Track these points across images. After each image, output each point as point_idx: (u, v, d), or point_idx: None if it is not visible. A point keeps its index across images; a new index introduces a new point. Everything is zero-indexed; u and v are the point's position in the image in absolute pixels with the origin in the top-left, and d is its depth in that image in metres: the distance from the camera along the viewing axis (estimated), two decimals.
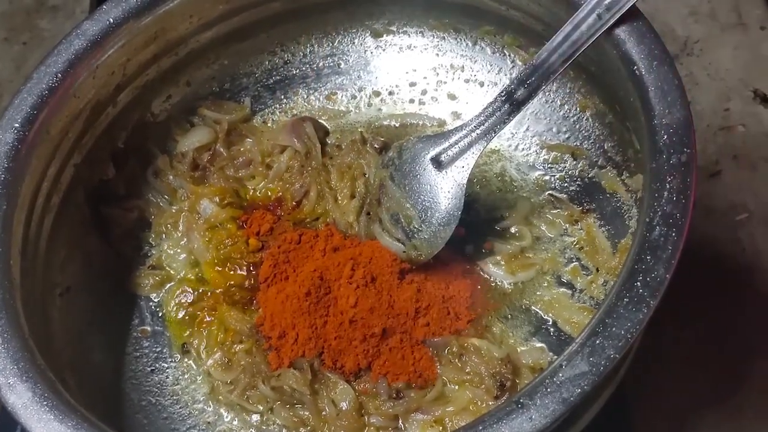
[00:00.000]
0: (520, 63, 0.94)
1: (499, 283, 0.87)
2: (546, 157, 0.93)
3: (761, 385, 0.88)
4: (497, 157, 0.95)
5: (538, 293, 0.86)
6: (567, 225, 0.89)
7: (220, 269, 0.90)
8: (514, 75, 0.92)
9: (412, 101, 1.00)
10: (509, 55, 0.95)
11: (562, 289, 0.86)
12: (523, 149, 0.94)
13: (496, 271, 0.87)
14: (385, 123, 1.00)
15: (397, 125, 0.99)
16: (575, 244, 0.88)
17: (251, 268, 0.89)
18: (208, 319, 0.88)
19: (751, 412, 0.86)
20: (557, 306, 0.85)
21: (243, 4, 0.94)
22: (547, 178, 0.92)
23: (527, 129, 0.94)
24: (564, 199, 0.90)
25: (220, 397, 0.85)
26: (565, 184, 0.91)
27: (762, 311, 0.91)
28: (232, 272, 0.89)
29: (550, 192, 0.91)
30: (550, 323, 0.84)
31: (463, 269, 0.87)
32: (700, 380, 0.88)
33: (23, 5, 1.32)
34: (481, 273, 0.87)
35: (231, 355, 0.86)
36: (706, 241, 0.94)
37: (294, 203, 0.92)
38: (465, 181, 0.80)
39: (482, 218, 0.90)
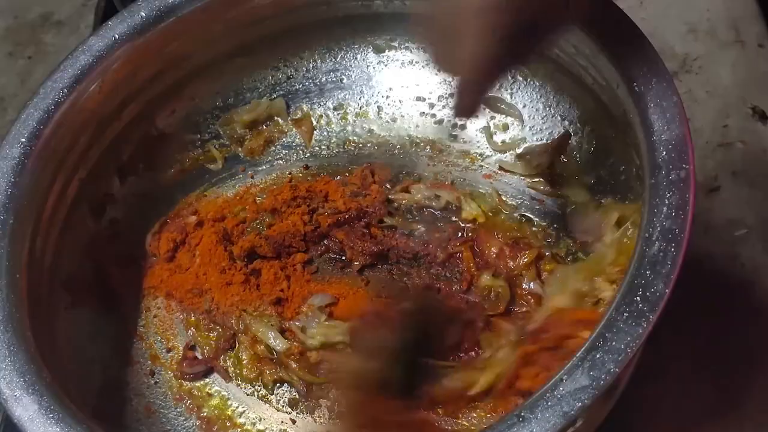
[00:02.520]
0: (520, 78, 0.95)
1: None
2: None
3: (761, 400, 0.88)
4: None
5: None
6: None
7: None
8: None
9: (414, 116, 1.01)
10: (509, 71, 0.95)
11: None
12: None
13: None
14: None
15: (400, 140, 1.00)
16: None
17: None
18: None
19: (752, 424, 0.87)
20: None
21: (246, 20, 0.95)
22: None
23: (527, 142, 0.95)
24: None
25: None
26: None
27: (761, 327, 0.91)
28: None
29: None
30: None
31: None
32: (700, 395, 0.88)
33: (28, 20, 1.33)
34: None
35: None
36: (704, 257, 0.94)
37: None
38: None
39: None
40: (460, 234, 0.91)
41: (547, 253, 0.88)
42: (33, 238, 0.80)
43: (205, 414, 0.86)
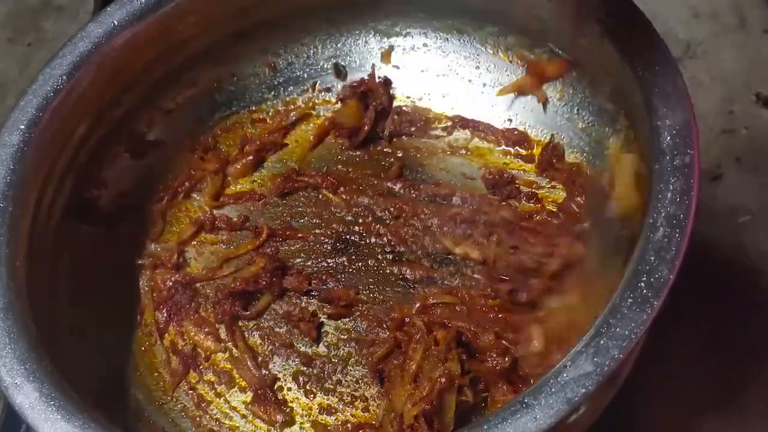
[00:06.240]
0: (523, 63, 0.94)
1: None
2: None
3: (765, 387, 0.88)
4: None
5: None
6: None
7: None
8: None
9: (416, 102, 1.00)
10: (513, 56, 0.95)
11: None
12: None
13: None
14: None
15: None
16: None
17: None
18: None
19: (755, 415, 0.87)
20: None
21: (246, 5, 0.94)
22: None
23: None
24: None
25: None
26: None
27: (765, 314, 0.91)
28: None
29: None
30: None
31: None
32: (704, 383, 0.88)
33: (28, 6, 1.33)
34: None
35: None
36: (708, 244, 0.94)
37: None
38: None
39: None
40: None
41: None
42: (33, 227, 0.80)
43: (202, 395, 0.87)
